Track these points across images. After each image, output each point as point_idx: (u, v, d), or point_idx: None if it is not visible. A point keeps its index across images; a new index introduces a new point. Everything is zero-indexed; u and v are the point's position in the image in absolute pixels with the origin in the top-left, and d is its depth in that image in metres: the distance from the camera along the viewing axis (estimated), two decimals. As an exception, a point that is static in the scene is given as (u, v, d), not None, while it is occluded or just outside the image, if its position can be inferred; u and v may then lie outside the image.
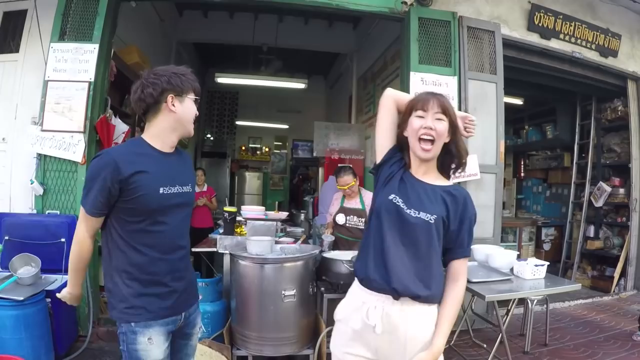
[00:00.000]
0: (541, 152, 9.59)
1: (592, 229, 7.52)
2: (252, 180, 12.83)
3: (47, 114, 4.34)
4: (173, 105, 2.04)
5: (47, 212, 4.34)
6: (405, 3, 5.02)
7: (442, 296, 2.00)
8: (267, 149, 13.87)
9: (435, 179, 2.08)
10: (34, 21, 4.59)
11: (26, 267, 3.63)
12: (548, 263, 3.97)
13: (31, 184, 4.28)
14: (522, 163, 10.20)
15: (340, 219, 5.01)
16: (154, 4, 7.09)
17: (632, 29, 6.35)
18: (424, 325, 1.94)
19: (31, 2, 4.61)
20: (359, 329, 1.99)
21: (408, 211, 1.97)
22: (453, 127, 2.04)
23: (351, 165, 5.45)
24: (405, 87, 4.95)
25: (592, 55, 5.98)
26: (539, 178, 9.68)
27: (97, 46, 4.46)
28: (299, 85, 9.53)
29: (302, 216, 7.87)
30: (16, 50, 4.66)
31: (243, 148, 13.68)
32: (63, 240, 3.99)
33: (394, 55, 6.62)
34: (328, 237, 4.68)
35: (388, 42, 6.96)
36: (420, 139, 2.00)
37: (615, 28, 6.12)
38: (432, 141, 1.99)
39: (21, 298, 3.27)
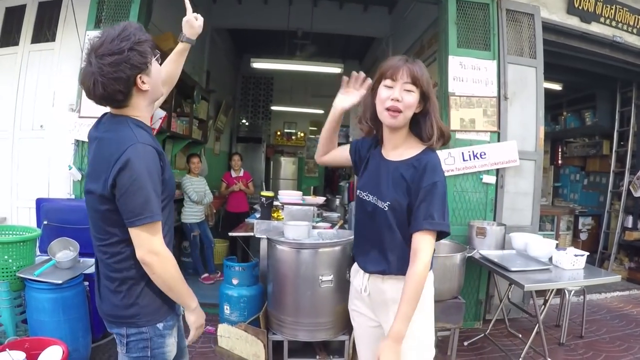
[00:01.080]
0: (579, 140, 9.34)
1: (630, 219, 7.29)
2: (287, 165, 12.95)
3: (84, 100, 4.40)
4: (143, 82, 1.79)
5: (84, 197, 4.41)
6: (443, -16, 4.89)
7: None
8: (302, 134, 13.88)
9: (404, 151, 2.08)
10: (69, 10, 4.65)
11: (65, 251, 3.69)
12: (587, 253, 3.88)
13: (69, 169, 4.38)
14: (559, 150, 9.96)
15: None
16: (189, -11, 7.08)
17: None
18: (397, 292, 1.95)
19: (66, -9, 4.68)
20: (357, 289, 2.24)
21: (367, 199, 2.11)
22: (425, 98, 2.01)
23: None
24: (443, 71, 4.88)
25: (634, 40, 5.76)
26: (576, 166, 9.42)
27: (132, 32, 4.49)
28: (335, 69, 9.45)
29: (338, 201, 7.84)
30: (52, 39, 4.74)
31: (278, 133, 13.71)
32: None
33: (431, 38, 6.51)
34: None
35: (425, 26, 6.85)
36: (387, 109, 1.98)
37: None
38: (400, 112, 1.98)
39: (60, 281, 3.33)
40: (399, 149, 2.09)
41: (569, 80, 7.94)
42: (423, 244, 1.91)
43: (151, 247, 1.70)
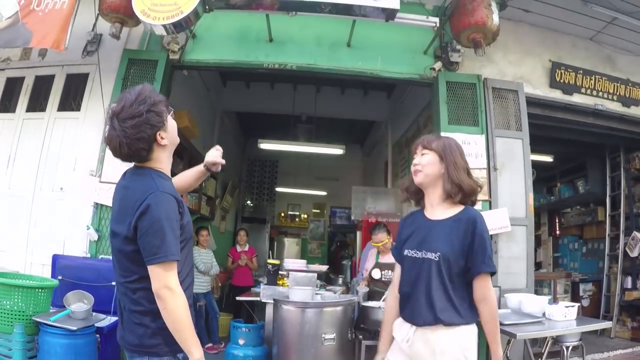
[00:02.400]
0: (575, 209, 9.57)
1: (629, 280, 7.38)
2: (291, 246, 13.14)
3: (105, 167, 4.76)
4: (162, 138, 2.02)
5: (100, 257, 4.66)
6: (434, 69, 5.36)
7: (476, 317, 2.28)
8: (305, 216, 14.19)
9: (444, 211, 2.37)
10: (95, 83, 5.11)
11: (79, 304, 3.87)
12: (578, 304, 4.03)
13: (87, 229, 4.65)
14: (556, 221, 10.17)
15: (376, 274, 5.25)
16: (201, 74, 7.67)
17: (652, 77, 6.46)
18: (448, 344, 2.20)
19: (93, 66, 5.17)
20: (399, 340, 2.35)
21: (416, 255, 2.33)
22: (441, 158, 2.36)
23: (385, 224, 5.72)
24: (437, 147, 5.21)
25: (615, 107, 6.12)
26: (574, 235, 9.57)
27: (153, 109, 4.91)
28: (337, 151, 9.92)
29: (340, 280, 8.00)
30: (77, 109, 5.17)
31: (282, 214, 14.05)
32: (114, 283, 4.18)
33: (426, 120, 6.89)
34: (362, 289, 4.97)
35: (420, 108, 7.27)
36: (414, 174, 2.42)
37: (635, 77, 6.27)
38: (420, 171, 2.39)
39: (74, 328, 3.51)
40: (440, 209, 2.38)
41: (559, 152, 8.30)
42: (487, 286, 2.23)
43: (166, 282, 1.85)
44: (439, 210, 2.38)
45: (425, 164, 2.37)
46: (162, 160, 2.09)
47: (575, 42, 6.12)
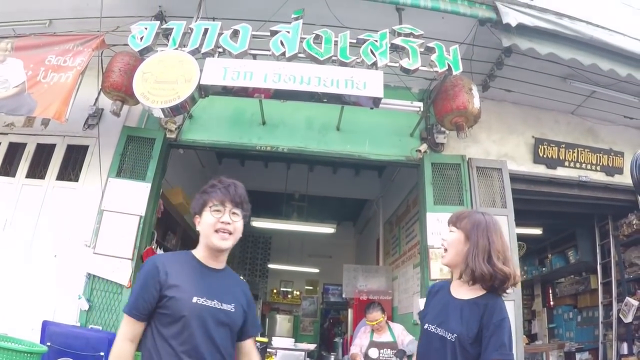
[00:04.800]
0: (568, 278, 9.52)
1: (625, 345, 7.19)
2: (282, 323, 12.99)
3: (100, 239, 4.85)
4: (198, 224, 2.24)
5: (89, 326, 4.64)
6: (420, 151, 5.56)
7: None
8: (298, 293, 14.10)
9: (468, 291, 2.25)
10: (94, 156, 5.30)
11: (67, 372, 3.82)
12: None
13: (79, 298, 4.67)
14: (550, 292, 10.09)
15: (374, 353, 5.26)
16: (198, 152, 7.88)
17: (634, 144, 6.50)
18: None
19: (93, 139, 5.37)
20: None
21: (435, 331, 2.24)
22: (467, 237, 2.26)
23: (379, 302, 5.81)
24: (423, 227, 5.34)
25: (599, 177, 6.23)
26: (568, 304, 9.43)
27: (149, 185, 5.09)
28: (328, 229, 10.02)
29: (332, 358, 7.90)
30: (75, 179, 5.33)
31: (274, 291, 14.01)
32: (102, 354, 4.16)
33: (415, 199, 6.93)
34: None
35: (409, 186, 7.32)
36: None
37: (617, 147, 6.43)
38: (445, 249, 2.34)
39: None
40: (465, 287, 2.26)
41: (547, 223, 8.37)
42: None
43: (118, 332, 2.08)
44: (464, 288, 2.27)
45: (450, 243, 2.31)
46: (200, 244, 2.27)
47: (557, 117, 6.38)
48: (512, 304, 5.15)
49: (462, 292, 2.27)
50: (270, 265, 13.93)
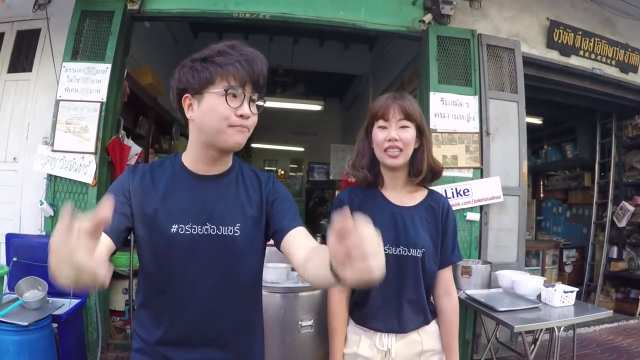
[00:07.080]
0: (560, 173, 9.48)
1: (615, 250, 7.28)
2: (266, 203, 12.77)
3: (58, 134, 4.24)
4: (190, 109, 1.49)
5: (56, 234, 4.22)
6: (423, 22, 4.88)
7: (438, 310, 2.06)
8: (282, 172, 13.83)
9: (409, 195, 2.01)
10: (46, 40, 4.53)
11: (33, 291, 3.51)
12: (577, 289, 3.77)
13: (40, 205, 4.14)
14: (541, 184, 10.02)
15: None
16: (169, 25, 7.07)
17: (652, 43, 6.18)
18: (433, 341, 2.08)
19: (44, 21, 4.56)
20: (378, 354, 1.98)
21: (391, 252, 1.89)
22: (420, 132, 1.96)
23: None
24: (424, 108, 4.80)
25: (613, 72, 5.82)
26: (558, 199, 9.49)
27: (109, 66, 4.37)
28: (315, 107, 9.49)
29: (319, 240, 7.73)
30: (29, 69, 4.61)
31: (258, 171, 13.66)
32: None
33: (412, 75, 6.52)
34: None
35: (404, 63, 6.88)
36: (385, 151, 1.90)
37: (634, 43, 5.97)
38: (400, 150, 1.90)
39: (25, 323, 3.14)
40: (404, 192, 2.01)
41: (549, 114, 8.08)
42: (452, 278, 2.06)
43: None
44: (403, 194, 2.01)
45: (407, 141, 1.90)
46: (189, 142, 1.60)
47: (574, 1, 5.71)
48: (516, 200, 4.87)
49: (403, 197, 2.00)
50: (254, 145, 13.38)
